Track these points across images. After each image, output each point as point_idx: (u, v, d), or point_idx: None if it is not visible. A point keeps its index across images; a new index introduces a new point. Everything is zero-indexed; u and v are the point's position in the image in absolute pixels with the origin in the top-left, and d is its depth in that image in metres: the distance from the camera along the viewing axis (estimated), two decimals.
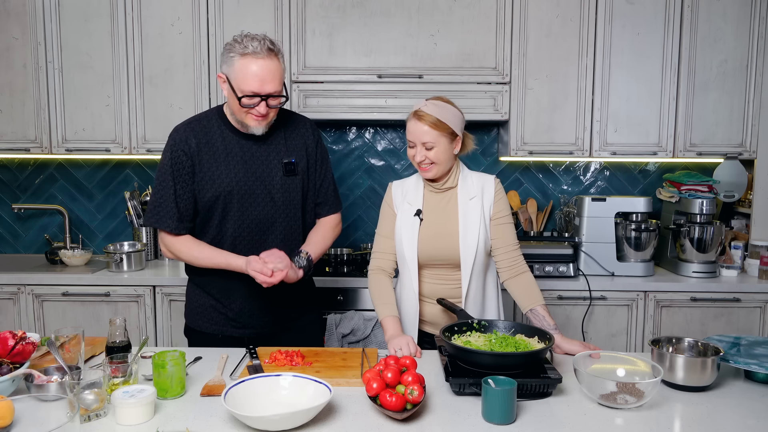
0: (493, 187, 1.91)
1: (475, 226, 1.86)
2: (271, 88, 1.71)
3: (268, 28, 2.87)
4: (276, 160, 1.87)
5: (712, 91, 2.88)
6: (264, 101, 1.72)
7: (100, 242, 3.32)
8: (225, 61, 1.73)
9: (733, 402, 1.44)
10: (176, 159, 1.81)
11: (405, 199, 1.94)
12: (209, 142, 1.83)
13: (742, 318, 2.75)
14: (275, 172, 1.86)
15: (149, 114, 2.94)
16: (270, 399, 1.36)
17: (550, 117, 2.90)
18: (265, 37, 1.72)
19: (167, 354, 1.43)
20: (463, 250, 1.86)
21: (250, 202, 1.85)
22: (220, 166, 1.82)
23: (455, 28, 2.85)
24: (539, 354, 1.46)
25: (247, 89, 1.70)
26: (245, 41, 1.69)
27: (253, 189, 1.84)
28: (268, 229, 1.88)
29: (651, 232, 2.84)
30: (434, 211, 1.91)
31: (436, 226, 1.89)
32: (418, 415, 1.34)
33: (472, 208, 1.88)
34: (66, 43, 2.91)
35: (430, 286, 1.94)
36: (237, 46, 1.69)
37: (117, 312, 2.79)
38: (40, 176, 3.32)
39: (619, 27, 2.85)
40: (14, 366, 1.46)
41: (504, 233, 1.90)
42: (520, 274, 1.89)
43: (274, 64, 1.71)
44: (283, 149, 1.89)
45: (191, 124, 1.85)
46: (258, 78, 1.69)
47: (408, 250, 1.89)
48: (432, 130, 1.78)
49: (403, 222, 1.92)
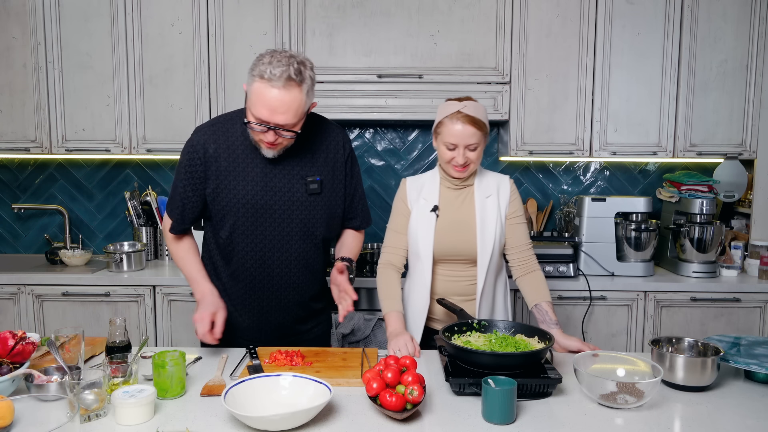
0: (508, 187, 1.95)
1: (492, 224, 1.89)
2: (282, 120, 1.57)
3: (268, 28, 2.87)
4: (299, 177, 1.75)
5: (712, 91, 2.88)
6: (272, 131, 1.61)
7: (100, 242, 3.32)
8: (249, 75, 1.60)
9: (733, 402, 1.44)
10: (190, 162, 1.74)
11: (420, 194, 1.95)
12: (230, 149, 1.72)
13: (742, 318, 2.75)
14: (297, 189, 1.75)
15: (149, 114, 2.94)
16: (270, 399, 1.36)
17: (550, 117, 2.90)
18: (292, 61, 1.56)
19: (167, 354, 1.43)
20: (481, 245, 1.88)
21: (265, 218, 1.74)
22: (238, 177, 1.72)
23: (455, 28, 2.85)
24: (539, 354, 1.46)
25: (256, 114, 1.58)
26: (271, 64, 1.54)
27: (270, 205, 1.73)
28: (283, 249, 1.78)
29: (651, 232, 2.84)
30: (451, 207, 1.93)
31: (452, 222, 1.91)
32: (418, 415, 1.34)
33: (488, 206, 1.91)
34: (66, 43, 2.91)
35: (442, 282, 1.95)
36: (261, 65, 1.56)
37: (117, 312, 2.79)
38: (40, 176, 3.32)
39: (619, 27, 2.86)
40: (14, 366, 1.46)
41: (518, 233, 1.94)
42: (532, 272, 1.94)
43: (290, 95, 1.55)
44: (308, 165, 1.76)
45: (214, 127, 1.76)
46: (268, 108, 1.56)
47: (423, 244, 1.90)
48: (477, 132, 1.80)
49: (419, 217, 1.93)
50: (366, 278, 2.75)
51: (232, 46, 2.89)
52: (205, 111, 2.92)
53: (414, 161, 3.30)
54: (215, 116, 1.87)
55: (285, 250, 1.79)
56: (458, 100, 1.85)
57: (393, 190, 3.29)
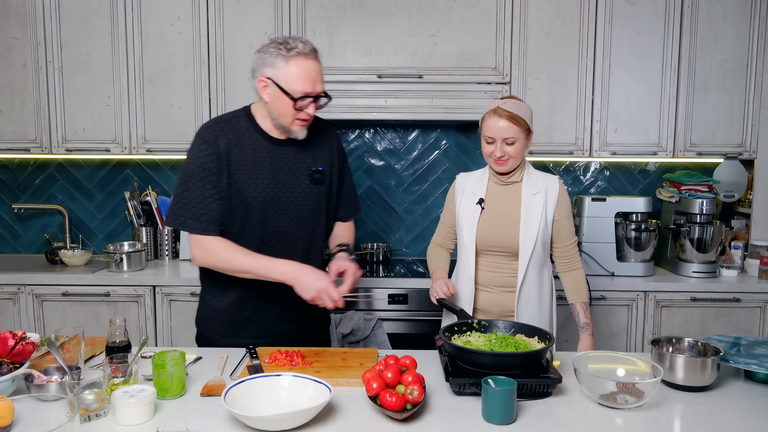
0: (557, 187, 2.01)
1: (536, 219, 1.95)
2: (320, 88, 1.71)
3: (268, 28, 2.87)
4: (303, 168, 1.81)
5: (712, 91, 2.88)
6: (313, 102, 1.70)
7: (100, 242, 3.32)
8: (267, 65, 1.67)
9: (733, 402, 1.44)
10: (205, 158, 1.71)
11: (468, 188, 2.04)
12: (238, 144, 1.74)
13: (742, 318, 2.75)
14: (302, 180, 1.80)
15: (149, 114, 2.94)
16: (270, 399, 1.36)
17: (550, 117, 2.90)
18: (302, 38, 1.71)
19: (167, 354, 1.43)
20: (523, 239, 1.93)
21: (274, 210, 1.78)
22: (248, 172, 1.74)
23: (455, 28, 2.85)
24: (539, 354, 1.46)
25: (300, 90, 1.66)
26: (290, 42, 1.66)
27: (279, 198, 1.77)
28: (291, 241, 1.81)
29: (651, 232, 2.84)
30: (497, 201, 1.99)
31: (497, 214, 1.97)
32: (418, 415, 1.34)
33: (535, 202, 1.97)
34: (66, 43, 2.91)
35: (486, 273, 2.00)
36: (281, 48, 1.65)
37: (117, 312, 2.78)
38: (40, 176, 3.32)
39: (619, 27, 2.86)
40: (14, 366, 1.46)
41: (565, 232, 2.02)
42: (574, 270, 2.05)
43: (319, 64, 1.71)
44: (310, 156, 1.83)
45: (220, 124, 1.77)
46: (310, 78, 1.67)
47: (468, 235, 1.98)
48: (513, 126, 1.88)
49: (465, 209, 2.01)
50: (366, 278, 2.75)
51: (232, 46, 2.89)
52: (205, 111, 2.92)
53: (414, 161, 3.29)
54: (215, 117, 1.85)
55: (293, 243, 1.82)
56: (502, 98, 1.94)
57: (393, 190, 3.29)
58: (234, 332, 1.86)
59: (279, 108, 1.70)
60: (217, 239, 1.73)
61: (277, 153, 1.77)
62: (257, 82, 1.71)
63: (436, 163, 3.29)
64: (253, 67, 1.72)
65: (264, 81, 1.69)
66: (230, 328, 1.86)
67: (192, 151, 1.74)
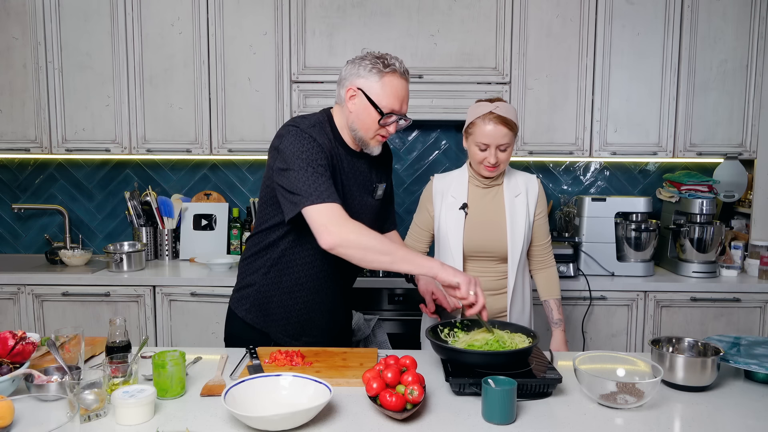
0: (536, 186, 2.01)
1: (521, 222, 1.94)
2: (405, 109, 1.72)
3: (268, 28, 2.87)
4: (369, 182, 1.83)
5: (712, 91, 2.88)
6: (397, 121, 1.71)
7: (100, 242, 3.32)
8: (360, 75, 1.66)
9: (733, 402, 1.44)
10: (317, 153, 1.62)
11: (448, 192, 1.99)
12: (329, 150, 1.70)
13: (742, 318, 2.75)
14: (367, 194, 1.83)
15: (149, 114, 2.94)
16: (270, 399, 1.36)
17: (550, 117, 2.90)
18: (398, 57, 1.72)
19: (167, 354, 1.43)
20: (511, 243, 1.93)
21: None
22: (332, 179, 1.68)
23: (455, 28, 2.85)
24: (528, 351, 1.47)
25: (388, 105, 1.66)
26: (388, 59, 1.67)
27: (352, 208, 1.73)
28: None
29: (651, 232, 2.84)
30: (479, 205, 1.97)
31: (482, 220, 1.95)
32: (418, 415, 1.34)
33: (518, 204, 1.96)
34: (66, 43, 2.91)
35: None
36: (378, 62, 1.65)
37: (117, 312, 2.79)
38: (40, 176, 3.32)
39: (619, 27, 2.86)
40: (14, 366, 1.46)
41: (543, 230, 2.03)
42: (548, 267, 2.05)
43: (408, 85, 1.72)
44: (375, 172, 1.86)
45: (316, 127, 1.69)
46: (400, 97, 1.68)
47: (454, 241, 1.94)
48: (509, 132, 1.84)
49: (448, 215, 1.97)
50: (366, 278, 2.75)
51: (232, 46, 2.89)
52: (205, 111, 2.92)
53: (414, 161, 3.29)
54: (294, 117, 1.75)
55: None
56: (489, 101, 1.89)
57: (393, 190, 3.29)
58: (298, 335, 1.85)
59: (363, 120, 1.68)
60: (358, 223, 1.61)
61: (352, 165, 1.77)
62: (345, 90, 1.69)
63: (436, 164, 3.29)
64: (343, 76, 1.71)
65: (353, 91, 1.67)
66: (297, 330, 1.84)
67: (300, 143, 1.62)
